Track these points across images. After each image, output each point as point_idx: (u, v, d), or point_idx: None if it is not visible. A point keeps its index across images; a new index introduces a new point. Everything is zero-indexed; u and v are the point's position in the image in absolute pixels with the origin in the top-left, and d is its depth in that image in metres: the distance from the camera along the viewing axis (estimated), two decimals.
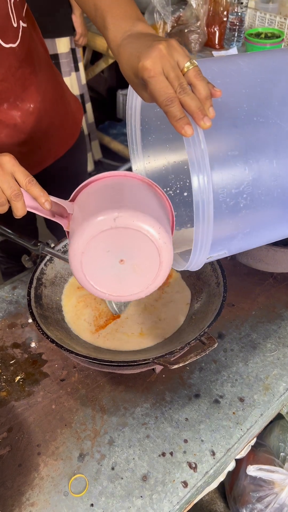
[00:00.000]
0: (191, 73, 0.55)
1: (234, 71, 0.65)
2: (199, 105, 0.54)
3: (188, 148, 0.55)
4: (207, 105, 0.54)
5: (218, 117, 0.56)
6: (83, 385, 0.83)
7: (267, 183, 0.60)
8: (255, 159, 0.59)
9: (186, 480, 0.71)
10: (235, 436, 0.76)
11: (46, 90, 0.98)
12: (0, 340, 0.90)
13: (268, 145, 0.61)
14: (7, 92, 0.88)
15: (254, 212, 0.61)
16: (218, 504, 1.45)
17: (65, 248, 0.94)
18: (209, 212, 0.56)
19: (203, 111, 0.54)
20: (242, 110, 0.60)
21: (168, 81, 0.55)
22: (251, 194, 0.59)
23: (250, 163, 0.59)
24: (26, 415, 0.78)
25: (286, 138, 0.61)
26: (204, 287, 0.88)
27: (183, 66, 0.56)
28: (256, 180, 0.59)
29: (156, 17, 2.36)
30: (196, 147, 0.55)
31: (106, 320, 0.87)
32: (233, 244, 0.64)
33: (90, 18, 0.74)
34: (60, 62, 2.30)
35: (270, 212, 0.63)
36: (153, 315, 0.87)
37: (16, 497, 0.69)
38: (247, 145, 0.60)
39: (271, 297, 0.99)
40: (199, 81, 0.55)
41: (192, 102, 0.54)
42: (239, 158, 0.58)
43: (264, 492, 1.22)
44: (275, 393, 0.82)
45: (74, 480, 0.71)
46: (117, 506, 0.68)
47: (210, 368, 0.86)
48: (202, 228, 0.57)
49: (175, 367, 0.68)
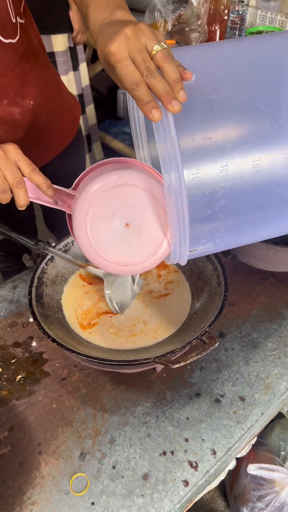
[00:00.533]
0: (158, 55, 0.53)
1: (216, 55, 0.61)
2: (166, 88, 0.51)
3: (157, 133, 0.53)
4: (177, 88, 0.52)
5: (192, 102, 0.53)
6: (84, 384, 0.83)
7: (247, 170, 0.57)
8: (233, 144, 0.56)
9: (187, 479, 0.71)
10: (236, 435, 0.76)
11: (44, 87, 0.98)
12: (1, 339, 0.91)
13: (247, 129, 0.57)
14: (6, 88, 0.88)
15: (235, 202, 0.58)
16: (218, 502, 1.45)
17: (66, 247, 0.94)
18: (182, 201, 0.53)
19: (172, 94, 0.51)
20: (218, 94, 0.56)
21: (135, 65, 0.53)
22: (229, 182, 0.56)
23: (226, 149, 0.56)
24: (27, 414, 0.79)
25: (265, 121, 0.57)
26: (205, 286, 0.88)
27: (151, 49, 0.54)
28: (234, 167, 0.56)
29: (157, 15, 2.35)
30: (166, 132, 0.52)
31: (107, 319, 0.87)
32: (218, 237, 0.61)
33: (79, 10, 0.73)
34: (56, 61, 2.26)
35: (253, 202, 0.59)
36: (154, 314, 0.87)
37: (17, 496, 0.69)
38: (224, 129, 0.57)
39: (272, 296, 0.99)
40: (168, 64, 0.53)
41: (159, 85, 0.52)
42: (214, 143, 0.55)
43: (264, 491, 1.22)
44: (276, 392, 0.82)
45: (75, 479, 0.71)
46: (118, 505, 0.68)
47: (211, 367, 0.86)
48: (177, 218, 0.55)
49: (176, 366, 0.68)
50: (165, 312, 0.88)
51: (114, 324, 0.86)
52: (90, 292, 0.91)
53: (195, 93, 0.55)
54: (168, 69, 0.53)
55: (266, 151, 0.57)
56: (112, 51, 0.54)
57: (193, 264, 0.93)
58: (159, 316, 0.87)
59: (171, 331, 0.84)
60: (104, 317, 0.87)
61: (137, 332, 0.84)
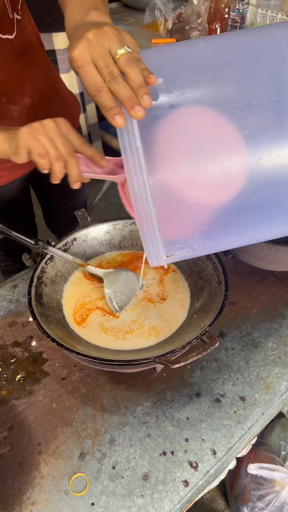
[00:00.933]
0: (122, 59, 0.51)
1: (190, 55, 0.58)
2: (129, 94, 0.50)
3: (121, 140, 0.52)
4: (140, 93, 0.50)
5: (158, 107, 0.51)
6: (83, 384, 0.83)
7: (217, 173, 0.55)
8: (201, 148, 0.54)
9: (187, 479, 0.71)
10: (236, 435, 0.76)
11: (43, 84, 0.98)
12: (1, 338, 0.90)
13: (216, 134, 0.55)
14: (4, 85, 0.87)
15: (204, 208, 0.56)
16: (218, 502, 1.45)
17: (65, 247, 0.94)
18: (150, 209, 0.52)
19: (134, 100, 0.50)
20: (187, 97, 0.54)
21: (98, 70, 0.52)
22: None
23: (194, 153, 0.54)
24: (27, 414, 0.78)
25: (238, 125, 0.55)
26: (205, 285, 0.88)
27: (114, 53, 0.52)
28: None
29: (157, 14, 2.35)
30: (130, 139, 0.51)
31: (106, 319, 0.86)
32: (194, 242, 0.59)
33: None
34: (57, 59, 2.26)
35: (226, 208, 0.57)
36: (154, 314, 0.87)
37: (16, 496, 0.69)
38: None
39: (272, 295, 0.99)
40: (131, 68, 0.51)
41: (122, 91, 0.50)
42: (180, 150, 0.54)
43: (265, 490, 1.22)
44: (276, 392, 0.81)
45: (74, 479, 0.71)
46: (118, 505, 0.68)
47: (211, 367, 0.85)
48: (146, 226, 0.54)
49: (176, 366, 0.68)
50: (165, 312, 0.87)
51: (113, 324, 0.86)
52: (90, 292, 0.91)
53: (163, 97, 0.53)
54: (131, 74, 0.51)
55: (234, 157, 0.55)
56: (74, 57, 0.53)
57: (193, 263, 0.93)
58: (159, 316, 0.87)
59: (171, 331, 0.84)
60: (103, 316, 0.87)
61: (137, 331, 0.84)
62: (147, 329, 0.85)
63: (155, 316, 0.87)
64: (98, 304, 0.89)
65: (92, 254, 0.98)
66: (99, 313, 0.87)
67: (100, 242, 0.99)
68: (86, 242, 0.97)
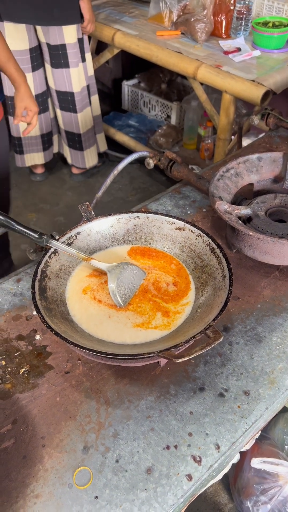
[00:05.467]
0: None
1: None
2: None
3: None
4: None
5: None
6: (87, 377, 0.83)
7: None
8: None
9: (190, 473, 0.71)
10: (240, 429, 0.76)
11: None
12: (5, 332, 0.90)
13: None
14: None
15: None
16: (222, 495, 1.46)
17: (69, 241, 0.94)
18: None
19: None
20: None
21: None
22: None
23: None
24: (31, 408, 0.79)
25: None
26: (209, 280, 0.88)
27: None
28: None
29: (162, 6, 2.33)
30: None
31: (110, 313, 0.86)
32: None
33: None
34: (67, 53, 2.28)
35: None
36: (158, 308, 0.87)
37: (20, 489, 0.69)
38: None
39: (277, 290, 0.98)
40: None
41: None
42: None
43: (268, 484, 1.22)
44: (280, 386, 0.81)
45: (78, 473, 0.71)
46: (121, 498, 0.68)
47: (215, 361, 0.85)
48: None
49: (180, 360, 0.68)
50: (168, 306, 0.87)
51: (117, 318, 0.85)
52: (94, 285, 0.91)
53: None
54: None
55: None
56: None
57: (197, 257, 0.93)
58: (163, 310, 0.86)
59: (175, 325, 0.84)
60: (107, 310, 0.87)
61: (141, 325, 0.84)
62: (151, 323, 0.84)
63: (159, 310, 0.87)
64: (102, 298, 0.89)
65: (96, 248, 0.98)
66: (103, 307, 0.87)
67: (104, 236, 0.98)
68: (90, 236, 0.97)
